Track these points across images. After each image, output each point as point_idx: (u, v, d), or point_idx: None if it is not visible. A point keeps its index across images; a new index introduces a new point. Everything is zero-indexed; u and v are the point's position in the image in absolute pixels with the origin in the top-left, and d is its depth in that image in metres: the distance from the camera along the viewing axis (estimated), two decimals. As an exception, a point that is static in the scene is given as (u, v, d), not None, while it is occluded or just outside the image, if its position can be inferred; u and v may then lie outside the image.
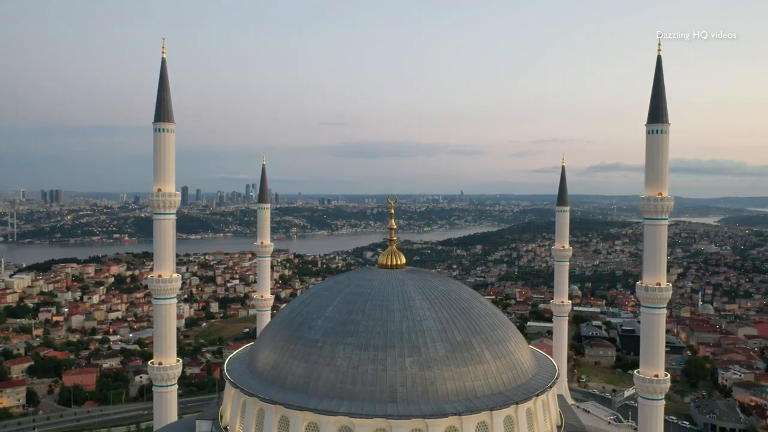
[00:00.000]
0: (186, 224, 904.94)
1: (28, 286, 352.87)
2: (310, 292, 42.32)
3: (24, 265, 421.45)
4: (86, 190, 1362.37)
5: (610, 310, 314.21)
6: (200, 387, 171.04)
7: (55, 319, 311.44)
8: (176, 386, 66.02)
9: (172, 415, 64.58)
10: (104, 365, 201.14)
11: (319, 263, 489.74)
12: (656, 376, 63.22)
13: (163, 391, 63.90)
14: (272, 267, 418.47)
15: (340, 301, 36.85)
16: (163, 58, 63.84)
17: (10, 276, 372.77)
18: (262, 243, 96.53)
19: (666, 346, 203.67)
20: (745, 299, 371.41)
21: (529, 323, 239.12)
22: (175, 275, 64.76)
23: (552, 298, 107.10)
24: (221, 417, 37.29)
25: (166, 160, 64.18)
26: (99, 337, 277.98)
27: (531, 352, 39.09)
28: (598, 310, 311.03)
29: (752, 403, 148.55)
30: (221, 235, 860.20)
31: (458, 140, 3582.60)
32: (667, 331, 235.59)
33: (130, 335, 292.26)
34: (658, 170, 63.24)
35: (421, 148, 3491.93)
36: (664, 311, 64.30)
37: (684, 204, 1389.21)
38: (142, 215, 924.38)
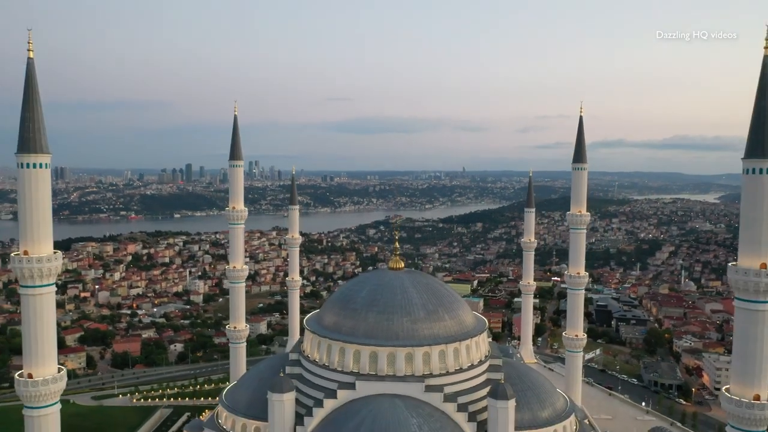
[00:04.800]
0: (191, 202, 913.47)
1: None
2: (351, 283, 72.10)
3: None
4: (89, 166, 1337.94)
5: (594, 287, 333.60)
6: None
7: (82, 295, 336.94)
8: (245, 344, 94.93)
9: (243, 366, 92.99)
10: (144, 335, 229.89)
11: (324, 241, 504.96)
12: (577, 335, 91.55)
13: (238, 347, 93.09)
14: (280, 246, 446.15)
15: (368, 289, 65.35)
16: (235, 115, 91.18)
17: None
18: (293, 236, 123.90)
19: (632, 319, 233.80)
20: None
21: (516, 299, 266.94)
22: (244, 267, 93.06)
23: (541, 275, 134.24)
24: (302, 351, 65.66)
25: (238, 186, 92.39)
26: (128, 311, 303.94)
27: (473, 315, 67.43)
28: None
29: (695, 366, 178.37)
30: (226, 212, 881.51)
31: (463, 115, 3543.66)
32: (635, 307, 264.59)
33: (154, 309, 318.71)
34: (580, 195, 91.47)
35: (426, 124, 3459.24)
36: (582, 292, 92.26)
37: (685, 180, 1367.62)
38: (148, 193, 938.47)
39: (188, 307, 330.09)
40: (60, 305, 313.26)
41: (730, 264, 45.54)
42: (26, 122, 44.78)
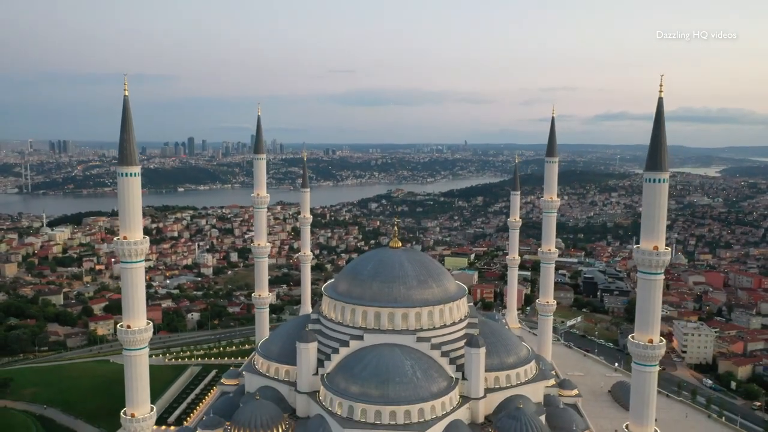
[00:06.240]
0: (194, 175, 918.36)
1: (69, 238, 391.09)
2: (360, 259, 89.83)
3: (45, 216, 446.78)
4: (91, 139, 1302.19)
5: (587, 260, 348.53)
6: (246, 321, 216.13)
7: (97, 267, 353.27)
8: (268, 309, 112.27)
9: (267, 328, 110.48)
10: (163, 305, 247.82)
11: (328, 216, 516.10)
12: (548, 302, 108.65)
13: (262, 311, 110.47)
14: (285, 220, 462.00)
15: (373, 263, 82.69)
16: (258, 116, 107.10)
17: (52, 229, 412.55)
18: (305, 216, 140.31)
19: (616, 290, 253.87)
20: (725, 249, 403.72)
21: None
22: (267, 244, 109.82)
23: (536, 249, 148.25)
24: (321, 312, 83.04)
25: (261, 175, 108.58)
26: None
27: (456, 284, 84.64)
28: (575, 260, 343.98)
29: (667, 332, 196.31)
30: (229, 186, 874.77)
31: (467, 88, 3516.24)
32: (621, 279, 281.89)
33: (167, 281, 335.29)
34: (551, 184, 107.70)
35: (429, 96, 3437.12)
36: (553, 265, 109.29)
37: (688, 153, 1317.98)
38: (151, 166, 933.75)
39: (199, 279, 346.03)
40: (77, 277, 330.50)
41: (634, 246, 62.29)
42: (124, 142, 61.21)
